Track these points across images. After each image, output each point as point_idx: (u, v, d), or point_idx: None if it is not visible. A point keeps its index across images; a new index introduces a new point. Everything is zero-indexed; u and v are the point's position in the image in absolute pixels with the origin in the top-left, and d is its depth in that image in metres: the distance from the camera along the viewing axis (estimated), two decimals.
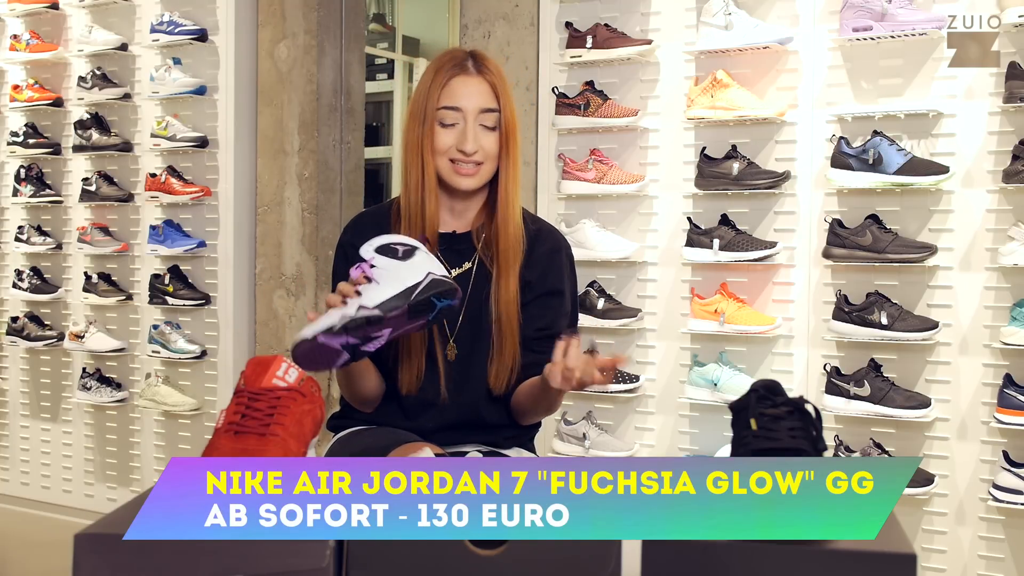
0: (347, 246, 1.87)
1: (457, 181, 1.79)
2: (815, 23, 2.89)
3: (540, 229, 1.90)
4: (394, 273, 1.54)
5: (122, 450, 3.99)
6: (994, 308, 2.69)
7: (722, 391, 2.89)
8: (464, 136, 1.76)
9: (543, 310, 1.83)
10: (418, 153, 1.79)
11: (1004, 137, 2.67)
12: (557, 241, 1.92)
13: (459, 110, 1.77)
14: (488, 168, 1.80)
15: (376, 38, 5.45)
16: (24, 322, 4.11)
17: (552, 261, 1.87)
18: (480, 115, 1.78)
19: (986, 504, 2.68)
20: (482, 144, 1.78)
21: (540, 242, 1.87)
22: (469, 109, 1.77)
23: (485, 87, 1.79)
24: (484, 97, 1.78)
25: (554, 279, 1.86)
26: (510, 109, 1.80)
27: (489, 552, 1.04)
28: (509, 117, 1.80)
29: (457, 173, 1.79)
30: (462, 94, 1.78)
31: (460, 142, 1.77)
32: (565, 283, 1.88)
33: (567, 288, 1.88)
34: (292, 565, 1.02)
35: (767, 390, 1.13)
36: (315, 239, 3.65)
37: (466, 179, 1.79)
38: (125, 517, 1.13)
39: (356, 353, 1.51)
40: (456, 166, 1.78)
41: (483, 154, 1.78)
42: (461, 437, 1.83)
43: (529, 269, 1.83)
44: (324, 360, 1.51)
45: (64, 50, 4.06)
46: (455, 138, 1.77)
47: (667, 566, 1.03)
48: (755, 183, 2.89)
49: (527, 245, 1.84)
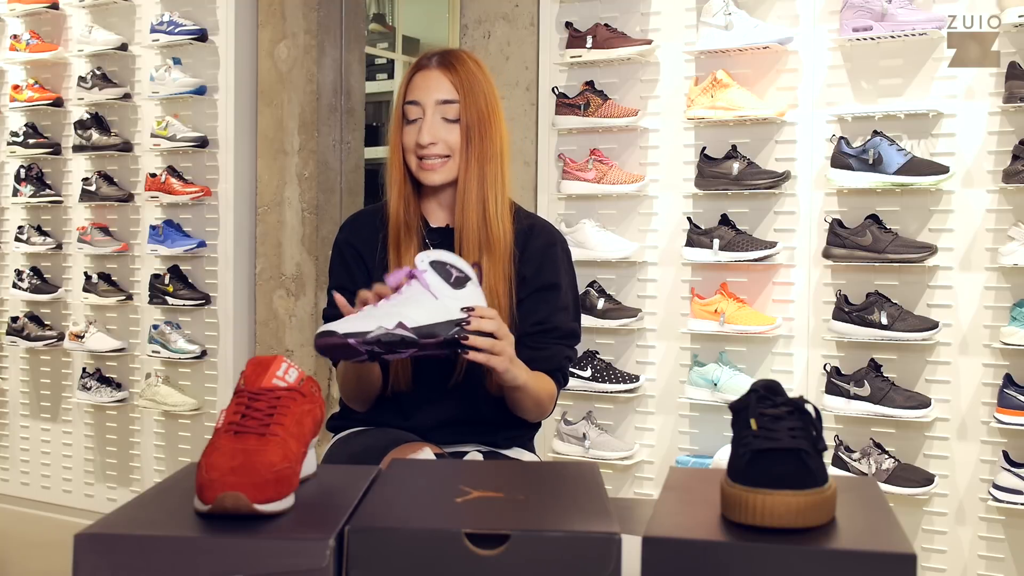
0: (343, 244, 1.89)
1: (423, 176, 1.81)
2: (815, 23, 2.89)
3: (533, 225, 1.90)
4: (442, 297, 1.50)
5: (122, 450, 3.99)
6: (994, 308, 2.69)
7: (722, 391, 2.89)
8: (421, 129, 1.78)
9: (538, 304, 1.83)
10: (395, 151, 1.82)
11: (1004, 137, 2.67)
12: (551, 235, 1.92)
13: (418, 104, 1.79)
14: (453, 162, 1.80)
15: (376, 38, 5.45)
16: (24, 322, 4.11)
17: (547, 255, 1.87)
18: (438, 107, 1.78)
19: (986, 504, 2.68)
20: (442, 136, 1.78)
21: (534, 237, 1.87)
22: (427, 102, 1.79)
23: (444, 80, 1.79)
24: (441, 90, 1.79)
25: (549, 273, 1.86)
26: (477, 104, 1.79)
27: (489, 552, 1.04)
28: (474, 111, 1.79)
29: (422, 168, 1.80)
30: (420, 87, 1.80)
31: (419, 135, 1.78)
32: (561, 277, 1.88)
33: (564, 282, 1.88)
34: (292, 565, 1.02)
35: (767, 390, 1.13)
36: (315, 239, 3.65)
37: (430, 173, 1.80)
38: (125, 517, 1.13)
39: (375, 358, 1.50)
40: (421, 161, 1.80)
41: (445, 146, 1.79)
42: (460, 434, 1.83)
43: (524, 265, 1.83)
44: (342, 355, 1.50)
45: (64, 50, 4.06)
46: (417, 132, 1.79)
47: (667, 566, 1.03)
48: (755, 183, 2.89)
49: (521, 240, 1.84)
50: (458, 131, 1.79)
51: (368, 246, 1.86)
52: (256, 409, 1.16)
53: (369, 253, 1.84)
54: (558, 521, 1.10)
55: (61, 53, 4.05)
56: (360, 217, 1.96)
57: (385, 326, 1.46)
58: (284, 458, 1.12)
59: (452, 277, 1.52)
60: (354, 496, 1.17)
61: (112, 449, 4.01)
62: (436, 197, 1.87)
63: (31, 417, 4.24)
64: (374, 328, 1.45)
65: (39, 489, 4.20)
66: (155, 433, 3.90)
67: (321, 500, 1.17)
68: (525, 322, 1.81)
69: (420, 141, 1.78)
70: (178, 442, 3.85)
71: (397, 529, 1.07)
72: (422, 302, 1.49)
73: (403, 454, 1.63)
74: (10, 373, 4.29)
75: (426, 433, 1.78)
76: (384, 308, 1.49)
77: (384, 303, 1.50)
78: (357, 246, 1.87)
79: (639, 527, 1.06)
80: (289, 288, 3.71)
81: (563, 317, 1.86)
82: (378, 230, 1.86)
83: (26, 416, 4.25)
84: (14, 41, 4.11)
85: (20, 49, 4.08)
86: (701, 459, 2.98)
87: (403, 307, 1.48)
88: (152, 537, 1.06)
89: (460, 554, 1.04)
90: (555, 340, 1.84)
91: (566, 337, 1.86)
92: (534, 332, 1.81)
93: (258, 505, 1.08)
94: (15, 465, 4.27)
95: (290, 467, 1.13)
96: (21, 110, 4.12)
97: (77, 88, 3.95)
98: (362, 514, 1.11)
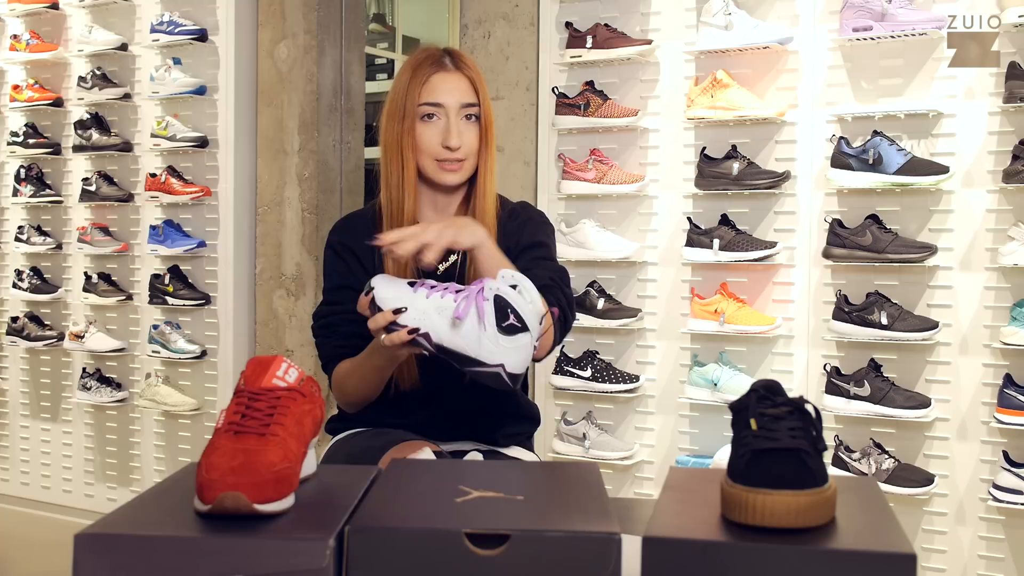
0: (338, 245, 1.88)
1: (442, 177, 1.81)
2: (815, 23, 2.89)
3: (514, 208, 1.92)
4: (483, 332, 1.43)
5: (122, 450, 3.99)
6: (994, 308, 2.69)
7: (722, 391, 2.89)
8: (449, 132, 1.78)
9: (528, 263, 1.79)
10: (398, 151, 1.81)
11: (1004, 137, 2.67)
12: (529, 212, 1.94)
13: (441, 106, 1.79)
14: (471, 163, 1.82)
15: (376, 38, 5.45)
16: (24, 322, 4.11)
17: (525, 225, 1.88)
18: (461, 110, 1.80)
19: (986, 504, 2.68)
20: (465, 139, 1.80)
21: (514, 217, 1.89)
22: (451, 105, 1.79)
23: (465, 83, 1.81)
24: (464, 93, 1.80)
25: (530, 234, 1.86)
26: (488, 103, 1.84)
27: (489, 552, 1.04)
28: (487, 111, 1.83)
29: (442, 169, 1.81)
30: (443, 90, 1.79)
31: (445, 138, 1.78)
32: (542, 237, 1.87)
33: (548, 242, 1.87)
34: (292, 565, 1.02)
35: (767, 390, 1.13)
36: (315, 239, 3.65)
37: (451, 175, 1.81)
38: (125, 517, 1.13)
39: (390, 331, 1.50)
40: (441, 163, 1.80)
41: (466, 149, 1.80)
42: (460, 430, 1.83)
43: (505, 238, 1.83)
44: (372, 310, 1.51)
45: (64, 50, 4.06)
46: (439, 135, 1.79)
47: (667, 566, 1.03)
48: (755, 183, 2.89)
49: (502, 224, 1.86)
50: (476, 133, 1.81)
51: (364, 248, 1.85)
52: (256, 409, 1.16)
53: (365, 255, 1.83)
54: (558, 521, 1.10)
55: (61, 53, 4.05)
56: (352, 219, 1.95)
57: (421, 325, 1.46)
58: (284, 458, 1.12)
59: (507, 323, 1.44)
60: (354, 496, 1.17)
61: (112, 449, 4.01)
62: (432, 198, 1.87)
63: (31, 417, 4.24)
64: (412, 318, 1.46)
65: (39, 489, 4.20)
66: (155, 433, 3.90)
67: (321, 500, 1.17)
68: None
69: (450, 144, 1.78)
70: (178, 442, 3.85)
71: (397, 529, 1.07)
72: (462, 327, 1.44)
73: (402, 453, 1.63)
74: (10, 373, 4.29)
75: (425, 431, 1.78)
76: (433, 301, 1.47)
77: (435, 297, 1.47)
78: (353, 247, 1.86)
79: (639, 527, 1.07)
80: (289, 288, 3.71)
81: (551, 264, 1.83)
82: (372, 232, 1.85)
83: (26, 416, 4.25)
84: (14, 41, 4.11)
85: (20, 49, 4.08)
86: (701, 459, 2.98)
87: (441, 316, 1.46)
88: (152, 537, 1.06)
89: (460, 554, 1.04)
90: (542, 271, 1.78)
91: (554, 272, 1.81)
92: None
93: (258, 505, 1.08)
94: (15, 465, 4.27)
95: (290, 467, 1.13)
96: (21, 110, 4.12)
97: (77, 88, 3.95)
98: (362, 514, 1.11)
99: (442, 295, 1.47)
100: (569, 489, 1.22)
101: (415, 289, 1.49)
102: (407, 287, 1.50)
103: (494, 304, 1.43)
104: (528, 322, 1.44)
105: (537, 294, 1.48)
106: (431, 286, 1.49)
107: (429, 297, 1.48)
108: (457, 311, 1.44)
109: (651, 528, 1.06)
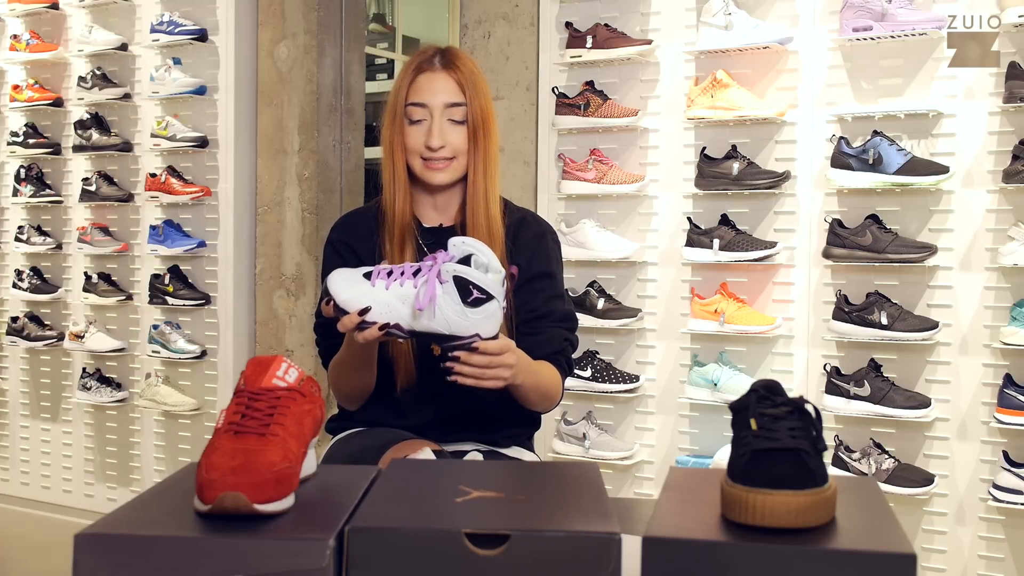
0: (338, 243, 1.88)
1: (429, 176, 1.82)
2: (815, 23, 2.89)
3: (523, 217, 1.92)
4: (449, 311, 1.45)
5: (122, 450, 3.99)
6: (994, 308, 2.69)
7: (722, 391, 2.89)
8: (431, 131, 1.79)
9: (534, 294, 1.84)
10: (391, 151, 1.83)
11: (1004, 137, 2.67)
12: (541, 227, 1.94)
13: (425, 106, 1.80)
14: (461, 162, 1.82)
15: (376, 38, 5.45)
16: (24, 322, 4.11)
17: (538, 246, 1.89)
18: (446, 110, 1.80)
19: (986, 504, 2.68)
20: (449, 139, 1.80)
21: (524, 228, 1.89)
22: (435, 105, 1.80)
23: (450, 82, 1.81)
24: (449, 92, 1.80)
25: (541, 262, 1.87)
26: (480, 103, 1.81)
27: (489, 552, 1.04)
28: (478, 111, 1.81)
29: (428, 169, 1.81)
30: (427, 90, 1.80)
31: (427, 138, 1.79)
32: (553, 266, 1.90)
33: (556, 271, 1.90)
34: (292, 565, 1.02)
35: (767, 390, 1.13)
36: (315, 239, 3.65)
37: (437, 174, 1.82)
38: (125, 517, 1.13)
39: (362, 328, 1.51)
40: (427, 162, 1.81)
41: (451, 149, 1.80)
42: (459, 430, 1.83)
43: (516, 255, 1.84)
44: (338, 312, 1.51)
45: (64, 50, 4.06)
46: (424, 135, 1.80)
47: (667, 566, 1.03)
48: (755, 183, 2.89)
49: (512, 233, 1.86)
50: (464, 132, 1.81)
51: (364, 246, 1.85)
52: (256, 409, 1.16)
53: (366, 253, 1.84)
54: (558, 521, 1.10)
55: (61, 53, 4.05)
56: (352, 217, 1.95)
57: (390, 318, 1.47)
58: (284, 458, 1.12)
59: (471, 297, 1.46)
60: (354, 496, 1.17)
61: (112, 449, 4.01)
62: (431, 197, 1.87)
63: (31, 417, 4.24)
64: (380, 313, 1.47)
65: (39, 489, 4.20)
66: (155, 433, 3.90)
67: (321, 500, 1.17)
68: (520, 312, 1.82)
69: (431, 144, 1.78)
70: (178, 442, 3.85)
71: (397, 529, 1.07)
72: (427, 311, 1.46)
73: (402, 452, 1.63)
74: (10, 373, 4.29)
75: (425, 431, 1.78)
76: (394, 292, 1.47)
77: (395, 287, 1.48)
78: (353, 245, 1.86)
79: (639, 527, 1.07)
80: (289, 288, 3.71)
81: (559, 304, 1.87)
82: (372, 231, 1.86)
83: (26, 416, 4.25)
84: (14, 41, 4.11)
85: (20, 49, 4.08)
86: (701, 459, 2.98)
87: (406, 305, 1.47)
88: (152, 537, 1.06)
89: (460, 554, 1.04)
90: (552, 324, 1.84)
91: (563, 320, 1.86)
92: (530, 319, 1.82)
93: (258, 505, 1.08)
94: (15, 465, 4.27)
95: (290, 467, 1.13)
96: (21, 110, 4.12)
97: (77, 88, 3.95)
98: (362, 514, 1.11)
99: (401, 283, 1.48)
100: (569, 489, 1.22)
101: (373, 282, 1.50)
102: (364, 281, 1.50)
103: (454, 284, 1.45)
104: (491, 290, 1.47)
105: (493, 256, 1.50)
106: (387, 273, 1.50)
107: (389, 288, 1.48)
108: (418, 302, 1.45)
109: (651, 528, 1.06)
